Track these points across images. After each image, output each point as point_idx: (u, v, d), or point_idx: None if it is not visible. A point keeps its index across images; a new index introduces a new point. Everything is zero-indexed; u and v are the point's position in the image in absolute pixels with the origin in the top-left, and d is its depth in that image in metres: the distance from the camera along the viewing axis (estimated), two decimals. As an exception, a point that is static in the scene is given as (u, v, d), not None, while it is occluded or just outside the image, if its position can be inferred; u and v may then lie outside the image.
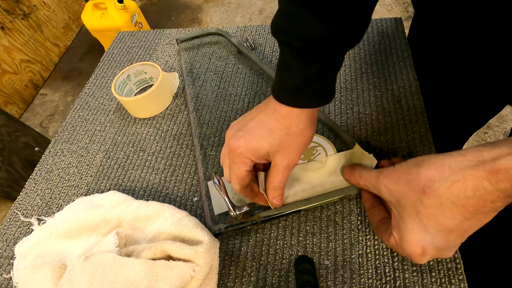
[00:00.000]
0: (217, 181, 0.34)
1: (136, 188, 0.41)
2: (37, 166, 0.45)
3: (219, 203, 0.37)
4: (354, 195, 0.35)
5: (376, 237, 0.33)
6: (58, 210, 0.40)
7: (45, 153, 0.46)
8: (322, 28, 0.26)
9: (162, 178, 0.41)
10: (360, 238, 0.33)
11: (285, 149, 0.30)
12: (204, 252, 0.30)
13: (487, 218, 0.22)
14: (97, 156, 0.45)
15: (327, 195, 0.35)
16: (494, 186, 0.20)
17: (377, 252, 0.32)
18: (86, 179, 0.43)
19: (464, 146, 0.69)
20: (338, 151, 0.38)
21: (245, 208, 0.33)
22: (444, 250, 0.25)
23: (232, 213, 0.33)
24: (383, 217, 0.30)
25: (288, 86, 0.29)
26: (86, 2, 1.58)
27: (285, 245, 0.34)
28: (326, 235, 0.34)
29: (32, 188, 0.43)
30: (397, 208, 0.26)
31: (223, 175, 0.39)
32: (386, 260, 0.31)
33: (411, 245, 0.25)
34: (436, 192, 0.23)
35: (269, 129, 0.30)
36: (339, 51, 0.29)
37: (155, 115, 0.48)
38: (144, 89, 0.52)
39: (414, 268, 0.30)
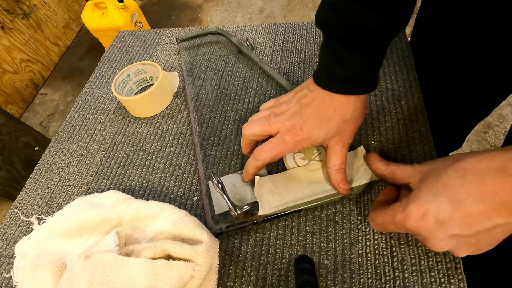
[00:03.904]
0: (216, 182, 0.34)
1: (136, 188, 0.41)
2: (37, 165, 0.45)
3: (220, 203, 0.37)
4: (354, 195, 0.35)
5: (376, 237, 0.33)
6: (58, 210, 0.40)
7: (45, 152, 0.46)
8: (374, 19, 0.28)
9: (162, 177, 0.41)
10: (360, 237, 0.33)
11: (340, 135, 0.32)
12: (204, 252, 0.30)
13: (501, 218, 0.21)
14: (97, 155, 0.45)
15: (327, 195, 0.35)
16: None
17: (376, 252, 0.32)
18: (86, 179, 0.43)
19: (464, 146, 0.69)
20: None
21: (246, 207, 0.33)
22: (442, 228, 0.24)
23: (233, 213, 0.33)
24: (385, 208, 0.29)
25: (341, 76, 0.31)
26: (86, 1, 1.58)
27: (285, 245, 0.34)
28: (325, 234, 0.34)
29: (32, 187, 0.43)
30: (419, 182, 0.27)
31: (221, 175, 0.39)
32: (385, 260, 0.31)
33: (415, 204, 0.25)
34: (463, 164, 0.23)
35: (327, 119, 0.32)
36: (389, 39, 0.31)
37: (155, 115, 0.48)
38: (144, 89, 0.52)
39: (414, 268, 0.30)
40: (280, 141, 0.32)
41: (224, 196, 0.33)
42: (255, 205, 0.35)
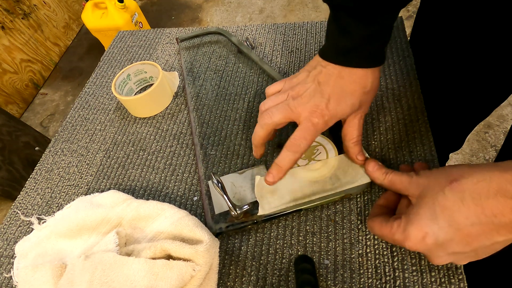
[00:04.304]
0: (216, 182, 0.34)
1: (136, 188, 0.41)
2: (37, 165, 0.45)
3: (220, 202, 0.37)
4: (354, 194, 0.35)
5: (376, 237, 0.33)
6: (58, 209, 0.40)
7: (45, 152, 0.46)
8: None
9: (162, 177, 0.41)
10: (360, 237, 0.33)
11: (361, 107, 0.33)
12: (204, 252, 0.30)
13: (500, 236, 0.22)
14: (97, 155, 0.45)
15: (327, 195, 0.35)
16: None
17: (377, 251, 0.32)
18: (86, 178, 0.43)
19: (464, 146, 0.69)
20: (339, 151, 0.38)
21: (246, 207, 0.33)
22: (441, 249, 0.24)
23: (233, 212, 0.33)
24: (385, 221, 0.29)
25: (347, 47, 0.31)
26: (87, 1, 1.58)
27: (285, 245, 0.34)
28: (326, 234, 0.34)
29: (32, 187, 0.43)
30: (417, 199, 0.26)
31: (222, 175, 0.39)
32: (386, 260, 0.31)
33: (415, 228, 0.25)
34: (461, 186, 0.23)
35: (350, 93, 0.31)
36: (394, 11, 0.31)
37: (155, 115, 0.48)
38: (144, 89, 0.52)
39: (414, 268, 0.30)
40: (309, 126, 0.31)
41: (224, 195, 0.33)
42: (255, 205, 0.35)
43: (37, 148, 1.19)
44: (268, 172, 0.33)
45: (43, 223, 0.39)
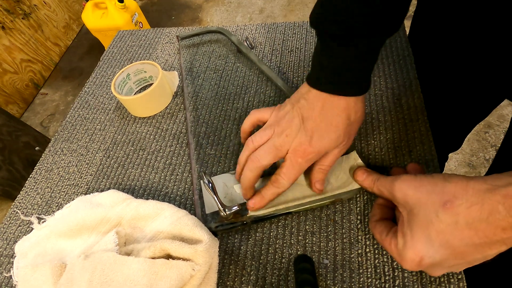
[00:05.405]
0: (207, 182, 0.34)
1: (136, 187, 0.41)
2: (37, 165, 0.45)
3: (211, 202, 0.37)
4: (345, 199, 0.35)
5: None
6: (58, 209, 0.40)
7: (45, 152, 0.47)
8: (363, 12, 0.28)
9: (161, 177, 0.41)
10: (360, 237, 0.33)
11: (345, 139, 0.32)
12: (204, 251, 0.30)
13: (492, 250, 0.23)
14: (97, 155, 0.45)
15: (317, 199, 0.35)
16: (508, 211, 0.21)
17: (376, 251, 0.32)
18: (86, 178, 0.43)
19: (464, 145, 0.69)
20: None
21: (235, 208, 0.33)
22: (438, 266, 0.25)
23: (222, 213, 0.33)
24: (385, 231, 0.29)
25: (331, 73, 0.31)
26: (87, 1, 1.58)
27: (285, 244, 0.34)
28: (325, 234, 0.34)
29: (32, 187, 0.43)
30: (408, 214, 0.26)
31: (212, 175, 0.39)
32: (385, 260, 0.31)
33: (411, 252, 0.25)
34: (455, 210, 0.23)
35: (334, 125, 0.31)
36: (380, 38, 0.31)
37: (155, 114, 0.48)
38: (144, 88, 0.52)
39: (414, 267, 0.30)
40: (293, 164, 0.32)
41: (214, 196, 0.33)
42: (244, 206, 0.35)
43: (37, 148, 1.20)
44: (252, 199, 0.34)
45: (43, 222, 0.39)
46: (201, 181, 0.38)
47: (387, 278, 0.30)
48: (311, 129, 0.31)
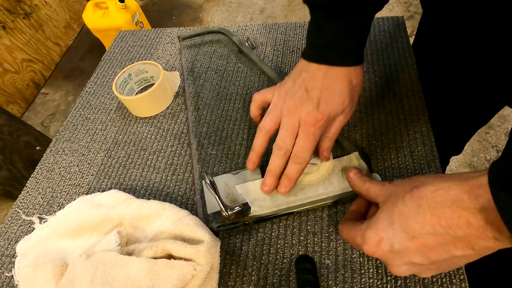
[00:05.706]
0: (208, 182, 0.34)
1: (137, 187, 0.41)
2: (38, 165, 0.45)
3: (213, 202, 0.37)
4: (346, 200, 0.35)
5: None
6: (59, 209, 0.40)
7: (46, 152, 0.47)
8: None
9: (163, 177, 0.41)
10: (361, 237, 0.33)
11: (349, 104, 0.33)
12: (205, 251, 0.30)
13: (458, 249, 0.21)
14: (98, 155, 0.45)
15: (319, 199, 0.35)
16: (473, 202, 0.20)
17: (378, 251, 0.32)
18: (87, 178, 0.43)
19: (466, 146, 0.69)
20: (333, 155, 0.37)
21: (237, 208, 0.33)
22: (398, 257, 0.24)
23: (224, 213, 0.33)
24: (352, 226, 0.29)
25: (321, 44, 0.32)
26: (87, 1, 1.58)
27: (286, 245, 0.34)
28: (327, 234, 0.34)
29: (34, 186, 0.43)
30: (381, 205, 0.27)
31: (214, 176, 0.39)
32: (387, 260, 0.31)
33: (372, 231, 0.25)
34: (420, 193, 0.23)
35: (339, 92, 0.32)
36: (369, 11, 0.32)
37: (156, 114, 0.48)
38: (145, 88, 0.52)
39: (415, 268, 0.30)
40: (307, 135, 0.32)
41: (216, 196, 0.33)
42: (246, 206, 0.35)
43: (38, 147, 1.20)
44: (280, 183, 0.34)
45: (44, 222, 0.39)
46: (203, 181, 0.38)
47: (388, 278, 0.30)
48: (317, 97, 0.32)
